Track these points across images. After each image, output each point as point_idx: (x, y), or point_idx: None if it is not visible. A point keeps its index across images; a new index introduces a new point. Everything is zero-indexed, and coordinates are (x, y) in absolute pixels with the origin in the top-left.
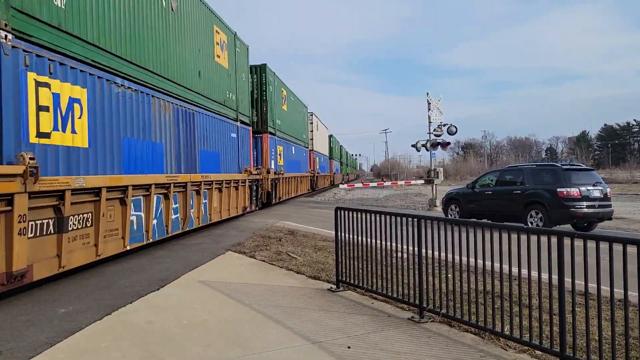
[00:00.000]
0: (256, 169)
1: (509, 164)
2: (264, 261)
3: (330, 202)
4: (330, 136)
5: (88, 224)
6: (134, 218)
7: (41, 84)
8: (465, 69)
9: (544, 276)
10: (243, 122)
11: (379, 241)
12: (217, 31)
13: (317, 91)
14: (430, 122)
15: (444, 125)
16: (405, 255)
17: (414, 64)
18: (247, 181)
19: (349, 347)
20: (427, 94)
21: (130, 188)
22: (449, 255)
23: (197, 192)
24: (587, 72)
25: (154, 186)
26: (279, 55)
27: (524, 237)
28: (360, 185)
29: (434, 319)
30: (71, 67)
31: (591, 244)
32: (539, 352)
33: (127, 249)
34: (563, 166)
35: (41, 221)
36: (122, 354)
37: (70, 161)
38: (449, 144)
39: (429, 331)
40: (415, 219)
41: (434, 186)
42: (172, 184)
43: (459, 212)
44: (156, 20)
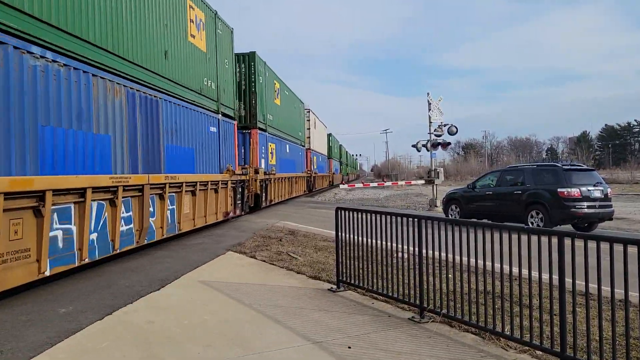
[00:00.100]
0: (242, 169)
1: (509, 164)
2: (264, 261)
3: (330, 202)
4: (329, 135)
5: None
6: (57, 233)
7: None
8: (465, 69)
9: (545, 276)
10: (226, 115)
11: (379, 241)
12: (191, 6)
13: (318, 91)
14: (430, 122)
15: (445, 125)
16: (405, 256)
17: (414, 64)
18: (229, 182)
19: (349, 347)
20: (428, 94)
21: (50, 194)
22: (450, 256)
23: (161, 197)
24: (587, 72)
25: (90, 190)
26: (279, 55)
27: (524, 238)
28: (361, 185)
29: (435, 319)
30: None
31: (592, 244)
32: (539, 353)
33: (47, 274)
34: (564, 166)
35: None
36: (123, 354)
37: None
38: (449, 144)
39: (429, 331)
40: (416, 219)
41: (435, 186)
42: (120, 187)
43: (459, 212)
44: None
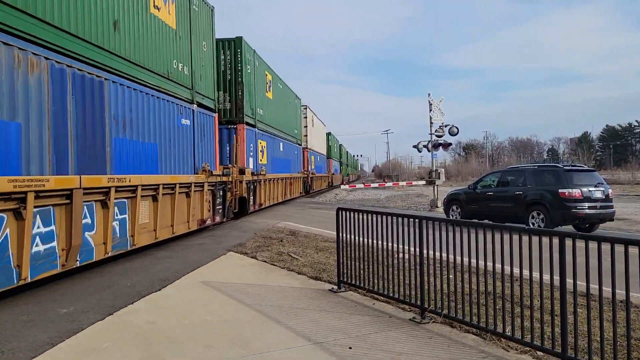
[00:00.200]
0: (224, 169)
1: (510, 164)
2: (265, 262)
3: (331, 202)
4: (329, 134)
5: None
6: None
7: None
8: (466, 69)
9: (546, 277)
10: (204, 107)
11: (380, 242)
12: None
13: (318, 91)
14: (431, 123)
15: (446, 126)
16: (406, 256)
17: (414, 64)
18: (205, 185)
19: (350, 348)
20: (429, 94)
21: None
22: (451, 256)
23: (104, 204)
24: (588, 72)
25: None
26: (279, 55)
27: (525, 238)
28: (362, 185)
29: (436, 319)
30: None
31: (593, 245)
32: (540, 353)
33: None
34: (565, 167)
35: None
36: (124, 354)
37: None
38: (450, 144)
39: (430, 332)
40: (417, 220)
41: (436, 187)
42: (30, 193)
43: (460, 212)
44: None
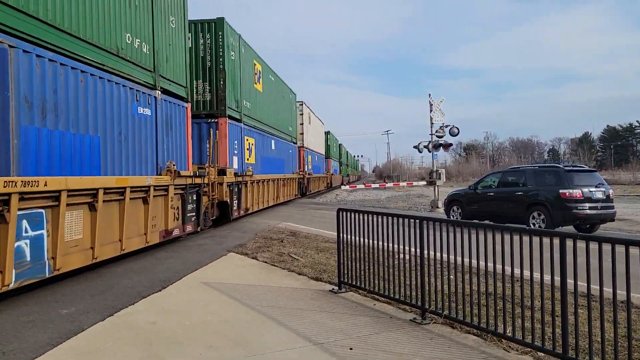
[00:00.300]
0: (198, 168)
1: (511, 165)
2: (265, 262)
3: (332, 203)
4: (327, 132)
5: None
6: None
7: None
8: (466, 69)
9: (546, 278)
10: (173, 94)
11: (381, 242)
12: None
13: (318, 91)
14: (432, 123)
15: (446, 126)
16: (407, 257)
17: (414, 64)
18: (171, 188)
19: (350, 349)
20: (429, 95)
21: None
22: (451, 257)
23: (3, 219)
24: (588, 72)
25: None
26: (279, 55)
27: (526, 239)
28: (363, 186)
29: (436, 320)
30: None
31: (593, 246)
32: (541, 354)
33: None
34: (565, 167)
35: None
36: (125, 354)
37: None
38: (451, 145)
39: (431, 332)
40: (418, 221)
41: (436, 187)
42: None
43: (461, 213)
44: None
